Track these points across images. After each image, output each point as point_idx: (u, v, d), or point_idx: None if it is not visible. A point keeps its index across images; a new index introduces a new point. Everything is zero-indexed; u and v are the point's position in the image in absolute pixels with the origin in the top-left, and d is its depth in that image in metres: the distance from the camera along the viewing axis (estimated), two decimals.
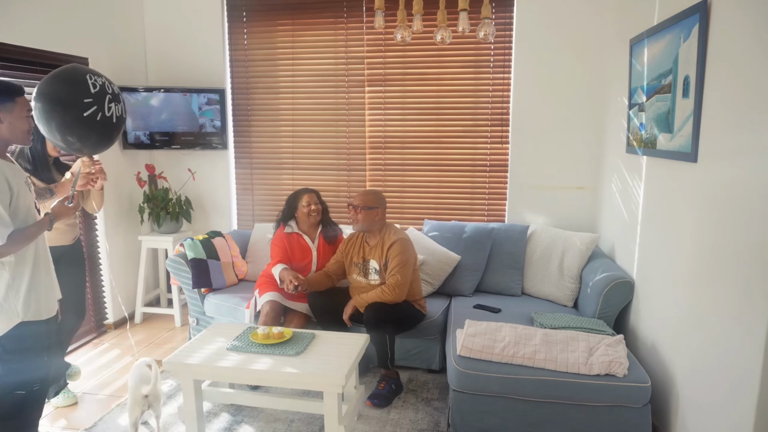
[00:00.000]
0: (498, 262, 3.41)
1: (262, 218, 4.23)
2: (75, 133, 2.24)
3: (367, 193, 2.97)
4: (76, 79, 2.25)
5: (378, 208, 2.92)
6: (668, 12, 2.39)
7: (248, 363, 2.29)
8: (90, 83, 2.27)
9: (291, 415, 2.66)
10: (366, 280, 2.97)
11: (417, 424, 2.60)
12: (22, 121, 1.93)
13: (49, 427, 2.61)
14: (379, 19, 2.84)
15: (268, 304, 2.98)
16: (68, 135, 2.24)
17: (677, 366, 2.26)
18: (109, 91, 2.35)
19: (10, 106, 1.89)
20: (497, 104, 3.76)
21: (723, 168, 1.93)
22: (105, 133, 2.35)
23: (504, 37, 3.67)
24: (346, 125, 4.01)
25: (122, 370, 3.18)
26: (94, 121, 2.26)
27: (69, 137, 2.25)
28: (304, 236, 3.21)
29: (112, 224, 3.85)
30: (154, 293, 4.29)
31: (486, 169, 3.86)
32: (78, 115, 2.21)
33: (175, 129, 4.00)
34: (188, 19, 4.05)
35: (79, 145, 2.34)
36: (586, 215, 3.68)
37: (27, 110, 1.96)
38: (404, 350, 3.08)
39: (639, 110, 2.76)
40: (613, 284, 2.77)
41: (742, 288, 1.78)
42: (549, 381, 2.25)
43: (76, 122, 2.21)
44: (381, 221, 2.95)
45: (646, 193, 2.71)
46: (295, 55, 4.01)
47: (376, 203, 2.92)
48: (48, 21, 3.22)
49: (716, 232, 1.97)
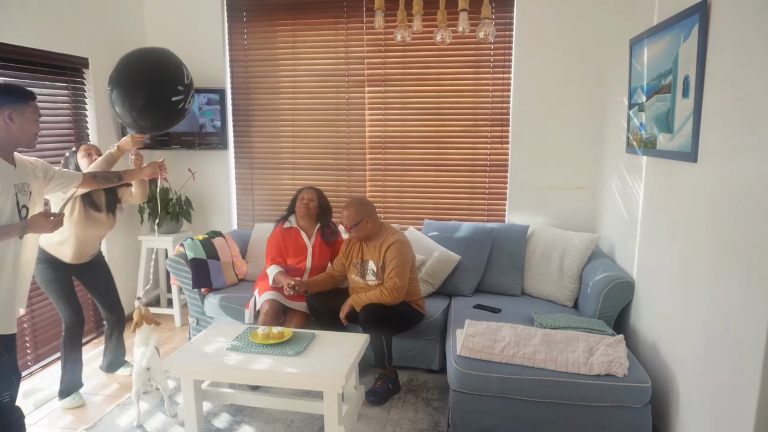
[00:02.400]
0: (498, 262, 3.41)
1: (262, 218, 4.23)
2: (154, 112, 2.42)
3: (348, 210, 2.89)
4: (174, 65, 2.45)
5: (362, 219, 2.88)
6: (668, 12, 2.39)
7: (248, 363, 2.29)
8: (185, 73, 2.49)
9: (291, 415, 2.66)
10: (363, 281, 2.96)
11: (417, 424, 2.59)
12: (32, 124, 1.99)
13: (49, 427, 2.61)
14: (379, 19, 2.85)
15: (268, 303, 2.98)
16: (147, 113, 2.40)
17: (677, 366, 2.26)
18: (194, 88, 2.58)
19: (23, 107, 1.94)
20: (497, 104, 3.76)
21: (723, 168, 1.93)
22: (174, 121, 2.54)
23: (504, 37, 3.67)
24: (346, 125, 4.01)
25: (122, 370, 3.17)
26: (176, 108, 2.44)
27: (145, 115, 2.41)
28: (302, 232, 3.22)
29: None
30: (154, 293, 4.29)
31: (486, 169, 3.86)
32: (168, 96, 2.39)
33: (175, 129, 3.96)
34: (188, 19, 4.05)
35: (147, 123, 2.47)
36: (586, 215, 3.68)
37: (38, 115, 2.02)
38: (404, 350, 3.08)
39: (639, 110, 2.76)
40: (613, 284, 2.77)
41: (743, 288, 1.78)
42: (549, 381, 2.24)
43: (163, 103, 2.39)
44: (374, 227, 2.94)
45: (646, 193, 2.71)
46: (295, 55, 4.01)
47: (359, 216, 2.88)
48: (48, 21, 3.22)
49: (716, 232, 1.97)
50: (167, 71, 2.44)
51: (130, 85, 2.36)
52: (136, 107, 2.39)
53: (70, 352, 2.78)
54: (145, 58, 2.44)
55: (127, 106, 2.39)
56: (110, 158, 2.64)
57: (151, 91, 2.39)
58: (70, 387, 2.80)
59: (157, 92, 2.40)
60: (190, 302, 3.48)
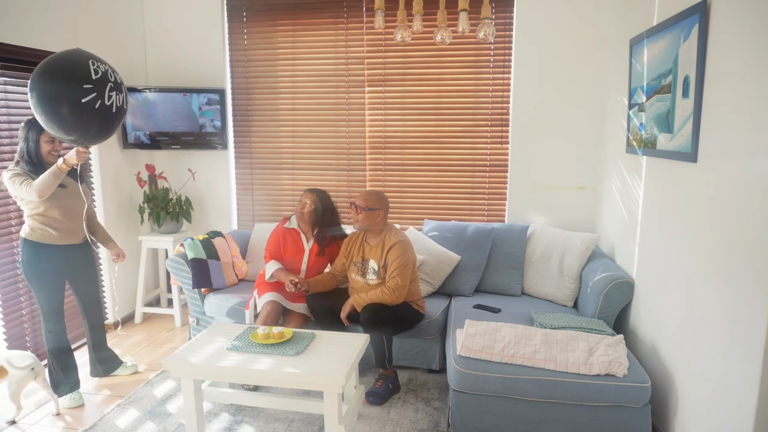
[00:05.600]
0: (498, 262, 3.41)
1: (262, 218, 4.23)
2: (74, 121, 2.25)
3: (370, 194, 2.96)
4: (77, 64, 2.24)
5: (380, 209, 2.92)
6: (668, 12, 2.40)
7: (248, 363, 2.29)
8: (92, 69, 2.25)
9: (291, 415, 2.66)
10: (363, 280, 2.97)
11: (417, 424, 2.59)
12: None
13: (49, 427, 2.61)
14: (379, 19, 2.85)
15: (269, 304, 2.98)
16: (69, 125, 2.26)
17: (677, 366, 2.26)
18: (111, 80, 2.33)
19: None
20: (497, 104, 3.76)
21: (723, 168, 1.93)
22: (105, 123, 2.34)
23: (504, 37, 3.67)
24: (346, 125, 4.01)
25: (120, 370, 3.17)
26: (92, 109, 2.24)
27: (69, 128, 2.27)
28: (302, 234, 3.22)
29: (112, 224, 3.85)
30: (154, 293, 4.29)
31: (486, 169, 3.86)
32: (76, 100, 2.20)
33: (175, 129, 4.00)
34: (188, 19, 4.05)
35: (77, 136, 2.34)
36: (586, 215, 3.68)
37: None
38: (404, 350, 3.08)
39: (639, 110, 2.76)
40: (613, 284, 2.77)
41: (742, 287, 1.78)
42: (549, 381, 2.25)
43: (75, 109, 2.21)
44: (382, 222, 2.95)
45: (646, 193, 2.71)
46: (295, 56, 4.01)
47: (377, 204, 2.92)
48: (48, 21, 3.22)
49: (716, 232, 1.97)
50: (65, 73, 2.22)
51: (46, 99, 2.21)
52: (59, 124, 2.26)
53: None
54: (40, 71, 2.23)
55: (54, 126, 2.28)
56: (57, 172, 2.51)
57: (57, 102, 2.21)
58: (69, 385, 2.82)
59: (59, 101, 2.21)
60: (190, 302, 3.48)
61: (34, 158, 2.63)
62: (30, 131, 2.62)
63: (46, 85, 2.21)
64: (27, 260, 2.67)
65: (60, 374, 2.80)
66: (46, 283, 2.71)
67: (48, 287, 2.72)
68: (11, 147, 3.02)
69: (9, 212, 3.04)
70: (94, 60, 2.32)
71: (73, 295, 2.94)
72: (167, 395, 2.88)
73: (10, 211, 3.04)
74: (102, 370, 3.08)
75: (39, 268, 2.69)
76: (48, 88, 2.22)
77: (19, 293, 3.10)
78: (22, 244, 2.68)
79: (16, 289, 3.09)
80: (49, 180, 2.51)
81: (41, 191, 2.52)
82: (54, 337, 2.77)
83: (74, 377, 2.85)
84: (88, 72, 2.26)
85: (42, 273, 2.69)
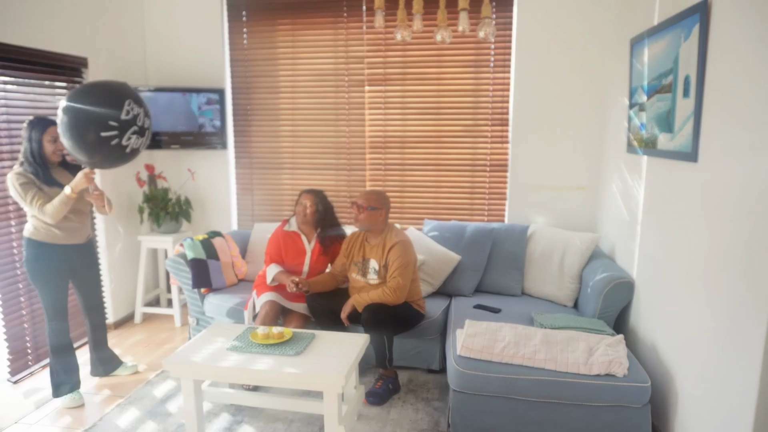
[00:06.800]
0: (498, 262, 3.41)
1: (262, 218, 4.23)
2: (85, 145, 2.38)
3: (372, 193, 2.96)
4: (113, 100, 2.39)
5: (381, 209, 2.92)
6: (669, 12, 2.39)
7: (248, 363, 2.29)
8: (125, 109, 2.40)
9: (291, 415, 2.66)
10: (364, 279, 2.96)
11: (417, 424, 2.59)
12: None
13: (49, 427, 2.61)
14: (379, 18, 2.84)
15: (267, 304, 2.98)
16: (79, 145, 2.38)
17: (677, 366, 2.26)
18: (139, 124, 2.48)
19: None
20: (497, 104, 3.76)
21: (723, 168, 1.93)
22: (111, 158, 2.48)
23: (504, 37, 3.67)
24: (346, 125, 4.01)
25: (120, 370, 3.17)
26: (107, 143, 2.38)
27: (78, 147, 2.39)
28: (302, 236, 3.21)
29: (112, 224, 3.85)
30: (154, 293, 4.29)
31: (486, 169, 3.86)
32: (97, 131, 2.34)
33: (174, 129, 3.99)
34: (188, 18, 4.05)
35: (80, 156, 2.44)
36: (586, 215, 3.68)
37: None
38: (404, 350, 3.07)
39: (639, 110, 2.76)
40: (613, 284, 2.77)
41: (743, 287, 1.77)
42: (549, 381, 2.24)
43: (92, 136, 2.35)
44: (383, 222, 2.95)
45: (647, 193, 2.70)
46: (295, 55, 4.01)
47: (379, 204, 2.92)
48: (48, 21, 3.22)
49: (716, 232, 1.97)
50: (96, 103, 2.37)
51: (76, 120, 2.34)
52: (72, 139, 2.38)
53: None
54: (80, 91, 2.40)
55: (66, 136, 2.39)
56: (66, 200, 2.59)
57: (78, 125, 2.35)
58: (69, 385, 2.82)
59: (83, 126, 2.35)
60: (190, 302, 3.48)
61: (38, 158, 2.64)
62: (33, 131, 2.62)
63: (78, 104, 2.35)
64: (31, 260, 2.67)
65: (61, 374, 2.80)
66: (50, 283, 2.71)
67: (52, 287, 2.72)
68: (11, 147, 3.02)
69: (8, 212, 3.04)
70: (131, 101, 2.45)
71: (76, 294, 2.95)
72: (167, 395, 2.88)
73: (10, 211, 3.04)
74: (102, 369, 3.08)
75: (43, 268, 2.69)
76: (79, 109, 2.34)
77: (19, 293, 3.10)
78: (25, 244, 2.68)
79: (16, 289, 3.08)
80: (59, 208, 2.60)
81: (54, 217, 2.61)
82: (57, 336, 2.77)
83: (75, 377, 2.85)
84: (119, 111, 2.39)
85: (46, 272, 2.69)
